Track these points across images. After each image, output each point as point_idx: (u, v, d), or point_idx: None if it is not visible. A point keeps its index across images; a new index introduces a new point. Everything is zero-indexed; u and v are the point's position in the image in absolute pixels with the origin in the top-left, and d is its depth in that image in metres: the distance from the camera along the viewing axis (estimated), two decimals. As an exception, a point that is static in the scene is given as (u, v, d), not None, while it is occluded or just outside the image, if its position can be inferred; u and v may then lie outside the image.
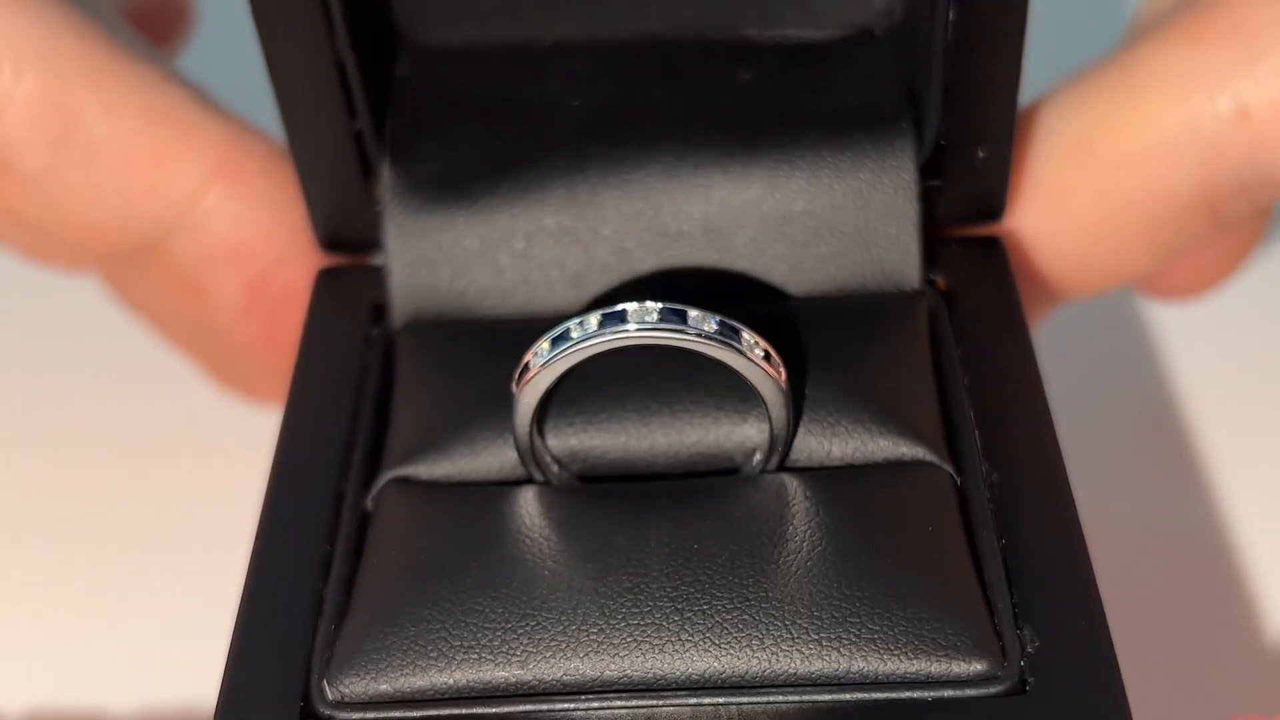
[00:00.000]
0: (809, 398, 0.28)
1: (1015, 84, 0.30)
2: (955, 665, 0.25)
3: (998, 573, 0.26)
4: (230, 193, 0.32)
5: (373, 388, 0.30)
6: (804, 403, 0.28)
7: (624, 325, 0.26)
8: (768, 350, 0.27)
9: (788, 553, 0.26)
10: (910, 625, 0.25)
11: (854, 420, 0.28)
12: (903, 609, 0.25)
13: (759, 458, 0.28)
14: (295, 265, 0.33)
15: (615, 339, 0.26)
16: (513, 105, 0.32)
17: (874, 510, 0.27)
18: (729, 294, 0.30)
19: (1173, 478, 0.36)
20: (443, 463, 0.28)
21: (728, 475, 0.28)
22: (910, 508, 0.27)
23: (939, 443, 0.28)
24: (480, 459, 0.28)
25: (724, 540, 0.26)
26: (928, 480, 0.27)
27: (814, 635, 0.25)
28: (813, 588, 0.25)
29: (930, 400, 0.29)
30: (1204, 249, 0.34)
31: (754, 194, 0.31)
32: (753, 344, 0.26)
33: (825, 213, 0.31)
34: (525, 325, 0.29)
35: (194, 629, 0.32)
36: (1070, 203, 0.32)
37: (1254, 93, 0.31)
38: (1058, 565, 0.26)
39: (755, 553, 0.26)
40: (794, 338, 0.29)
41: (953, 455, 0.28)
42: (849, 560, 0.26)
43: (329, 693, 0.25)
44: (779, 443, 0.27)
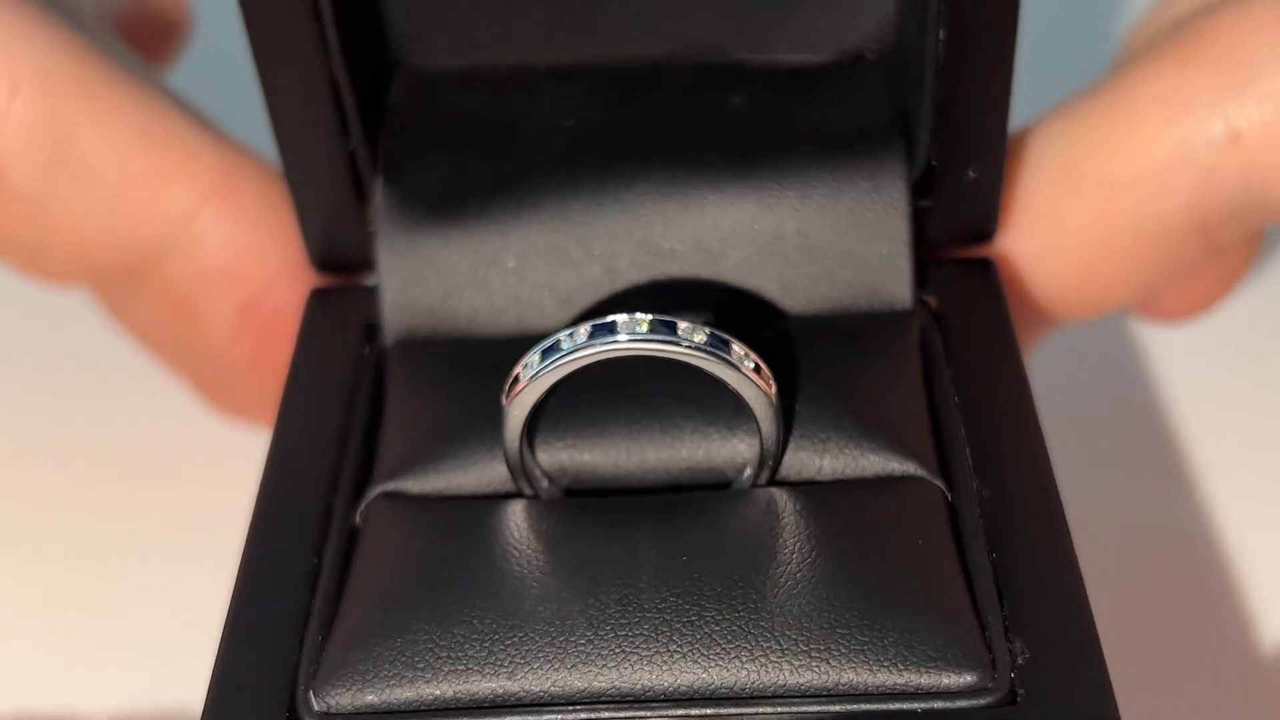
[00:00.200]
0: (800, 413, 0.28)
1: (1005, 104, 0.30)
2: (945, 677, 0.25)
3: (988, 586, 0.26)
4: (224, 213, 0.32)
5: (363, 403, 0.30)
6: (794, 418, 0.28)
7: (614, 336, 0.26)
8: (758, 363, 0.27)
9: (777, 565, 0.26)
10: (900, 637, 0.25)
11: (845, 435, 0.28)
12: (892, 621, 0.25)
13: (749, 472, 0.28)
14: (287, 286, 0.33)
15: (605, 350, 0.26)
16: (506, 126, 0.32)
17: (864, 523, 0.26)
18: (720, 313, 0.30)
19: (1164, 487, 0.36)
20: (432, 477, 0.28)
21: (718, 490, 0.28)
22: (900, 521, 0.27)
23: (930, 458, 0.28)
24: (470, 473, 0.28)
25: (713, 553, 0.26)
26: (918, 495, 0.27)
27: (803, 647, 0.25)
28: (802, 600, 0.25)
29: (921, 416, 0.29)
30: (1197, 273, 0.34)
31: (746, 214, 0.31)
32: (743, 356, 0.26)
33: (817, 233, 0.31)
34: (516, 342, 0.29)
35: (181, 639, 0.32)
36: (1062, 227, 0.32)
37: (1245, 117, 0.31)
38: (1049, 578, 0.26)
39: (745, 565, 0.26)
40: (785, 355, 0.29)
41: (944, 471, 0.28)
42: (838, 572, 0.26)
43: (315, 703, 0.25)
44: (769, 456, 0.27)
